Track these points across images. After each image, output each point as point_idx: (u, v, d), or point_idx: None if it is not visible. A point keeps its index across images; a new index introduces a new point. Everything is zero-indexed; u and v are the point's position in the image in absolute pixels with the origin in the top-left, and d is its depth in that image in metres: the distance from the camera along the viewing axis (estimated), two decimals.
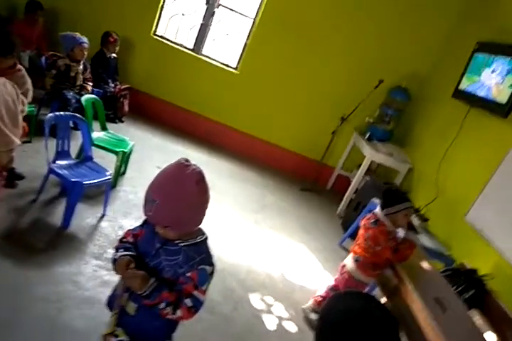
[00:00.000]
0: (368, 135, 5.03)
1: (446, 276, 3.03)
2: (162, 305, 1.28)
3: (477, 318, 2.69)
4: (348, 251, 3.93)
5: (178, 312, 1.30)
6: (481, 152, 3.84)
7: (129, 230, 1.47)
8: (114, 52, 4.81)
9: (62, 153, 2.88)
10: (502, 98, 3.53)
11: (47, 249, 2.42)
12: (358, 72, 5.18)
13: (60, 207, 2.77)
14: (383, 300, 3.17)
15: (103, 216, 2.92)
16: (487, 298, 2.90)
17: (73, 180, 2.65)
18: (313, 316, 2.83)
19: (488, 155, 3.69)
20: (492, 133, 3.77)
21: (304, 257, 3.66)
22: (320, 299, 2.86)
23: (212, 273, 1.34)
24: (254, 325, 2.58)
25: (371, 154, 4.73)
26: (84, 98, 3.36)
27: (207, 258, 1.34)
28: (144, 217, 1.40)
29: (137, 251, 1.38)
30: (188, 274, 1.30)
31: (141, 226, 1.45)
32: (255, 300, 2.81)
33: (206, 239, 1.38)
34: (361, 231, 2.74)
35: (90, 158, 3.02)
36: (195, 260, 1.31)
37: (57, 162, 2.82)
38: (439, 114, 4.75)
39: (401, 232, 2.74)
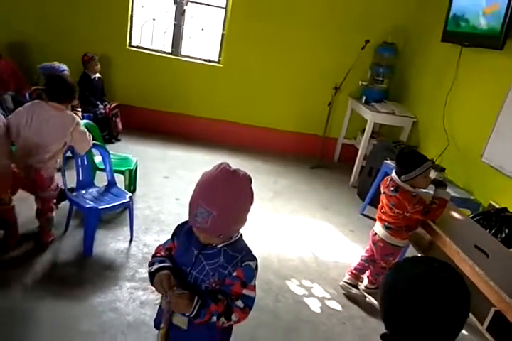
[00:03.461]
0: (364, 98, 4.95)
1: (477, 221, 3.00)
2: (214, 319, 1.28)
3: None
4: (370, 218, 3.96)
5: (233, 317, 1.29)
6: (483, 89, 3.75)
7: (159, 245, 1.46)
8: (96, 72, 4.78)
9: (83, 182, 2.90)
10: (494, 30, 3.42)
11: (79, 281, 2.45)
12: (341, 37, 5.07)
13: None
14: None
15: (131, 240, 2.93)
16: None
17: (88, 206, 2.67)
18: (354, 290, 2.83)
19: (492, 91, 3.60)
20: (491, 68, 3.68)
21: (330, 233, 3.66)
22: (355, 272, 2.85)
23: (256, 267, 1.34)
24: (300, 311, 2.60)
25: (372, 116, 4.67)
26: None
27: (248, 254, 1.34)
28: (169, 231, 1.40)
29: (175, 264, 1.37)
30: (234, 273, 1.29)
31: (172, 239, 1.43)
32: (294, 286, 2.83)
33: (241, 236, 1.38)
34: (384, 200, 2.67)
35: (114, 184, 3.02)
36: (238, 258, 1.30)
37: (81, 191, 2.85)
38: (431, 61, 4.64)
39: (427, 193, 2.68)
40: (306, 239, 3.48)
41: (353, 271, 2.86)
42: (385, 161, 3.97)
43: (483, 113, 3.66)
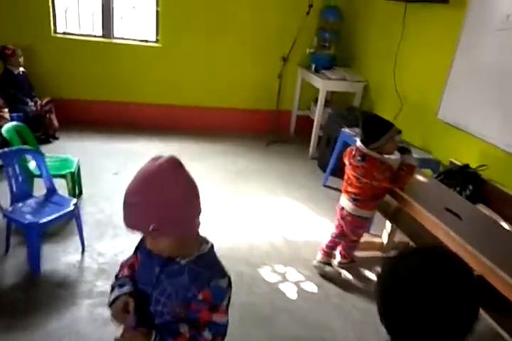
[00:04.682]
0: (313, 66, 4.79)
1: (441, 181, 2.96)
2: None
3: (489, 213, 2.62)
4: (334, 189, 3.87)
5: None
6: (432, 46, 3.66)
7: (122, 262, 1.29)
8: (20, 66, 4.32)
9: (19, 194, 2.59)
10: None
11: (30, 306, 2.20)
12: (284, 5, 4.81)
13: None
14: (388, 225, 3.13)
15: (83, 250, 2.67)
16: (485, 189, 2.84)
17: (26, 222, 2.39)
18: (328, 268, 2.74)
19: (441, 46, 3.51)
20: (438, 23, 3.58)
21: (296, 210, 3.54)
22: (327, 250, 2.76)
23: (229, 285, 1.14)
24: (276, 300, 2.49)
25: (324, 84, 4.53)
26: (3, 129, 2.99)
27: (217, 271, 1.13)
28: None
29: (137, 284, 1.18)
30: (200, 296, 1.08)
31: (134, 253, 1.25)
32: (266, 274, 2.70)
33: (212, 247, 1.17)
34: (349, 171, 2.55)
35: (53, 191, 2.72)
36: (204, 276, 1.10)
37: (17, 204, 2.54)
38: (376, 22, 4.50)
39: (394, 159, 2.57)
40: (273, 221, 3.35)
41: (325, 249, 2.77)
42: (342, 129, 3.86)
43: (435, 70, 3.57)
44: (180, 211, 1.06)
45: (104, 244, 2.75)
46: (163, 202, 1.04)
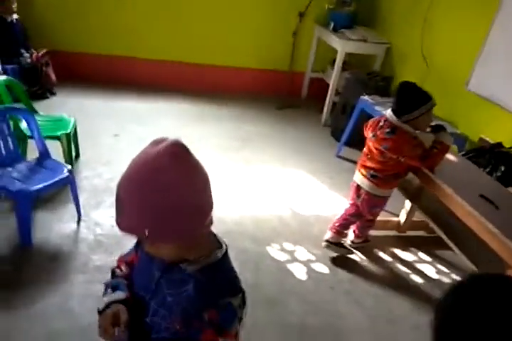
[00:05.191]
0: (332, 24, 4.37)
1: (469, 159, 2.72)
2: None
3: None
4: (348, 161, 3.63)
5: None
6: (468, 8, 3.26)
7: (120, 256, 1.11)
8: (13, 13, 3.95)
9: (8, 157, 2.38)
10: None
11: (18, 281, 2.04)
12: None
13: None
14: (407, 204, 2.92)
15: (79, 220, 2.48)
16: None
17: (15, 189, 2.18)
18: (340, 249, 2.56)
19: (478, 9, 3.12)
20: None
21: (307, 183, 3.32)
22: (339, 228, 2.55)
23: (242, 303, 0.92)
24: (284, 280, 2.33)
25: (342, 45, 4.15)
26: None
27: (229, 286, 0.93)
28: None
29: (133, 287, 0.99)
30: (205, 316, 0.87)
31: (135, 249, 1.06)
32: (274, 252, 2.53)
33: (226, 253, 0.95)
34: (373, 144, 2.29)
35: (47, 155, 2.50)
36: (213, 291, 0.90)
37: (7, 169, 2.33)
38: None
39: (428, 135, 2.31)
40: (282, 193, 3.14)
41: (337, 228, 2.56)
42: (361, 97, 3.56)
43: (469, 35, 3.21)
44: (183, 213, 0.83)
45: (101, 213, 2.56)
46: (161, 203, 0.81)
